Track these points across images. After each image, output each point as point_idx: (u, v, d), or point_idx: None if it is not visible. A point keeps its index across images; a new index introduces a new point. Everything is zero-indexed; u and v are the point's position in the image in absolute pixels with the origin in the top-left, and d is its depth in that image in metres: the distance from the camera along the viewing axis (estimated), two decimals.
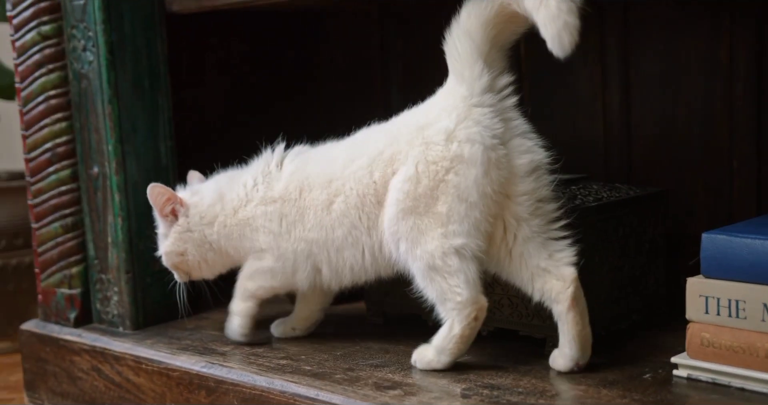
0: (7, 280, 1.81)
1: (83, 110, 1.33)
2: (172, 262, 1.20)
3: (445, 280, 1.02)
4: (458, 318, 1.02)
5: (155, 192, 1.18)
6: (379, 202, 1.06)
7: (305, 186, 1.12)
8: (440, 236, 1.01)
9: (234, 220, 1.16)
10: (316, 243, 1.11)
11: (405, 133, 1.05)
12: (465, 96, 1.02)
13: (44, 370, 1.38)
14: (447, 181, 1.01)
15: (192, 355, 1.18)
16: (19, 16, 1.36)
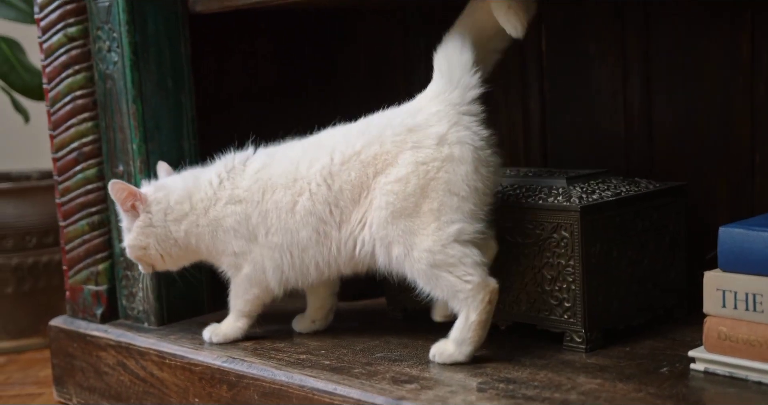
0: (37, 277, 1.84)
1: (108, 110, 1.35)
2: (135, 255, 1.22)
3: (451, 273, 1.03)
4: (473, 305, 1.03)
5: (116, 188, 1.19)
6: (354, 200, 1.08)
7: (268, 187, 1.14)
8: (434, 230, 1.04)
9: (205, 220, 1.18)
10: (279, 247, 1.14)
11: (390, 134, 1.07)
12: (455, 103, 1.07)
13: (72, 365, 1.41)
14: (437, 179, 1.04)
15: (214, 351, 1.19)
16: (46, 18, 1.38)
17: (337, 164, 1.09)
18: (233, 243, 1.17)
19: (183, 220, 1.19)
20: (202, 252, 1.21)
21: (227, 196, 1.17)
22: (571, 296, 1.07)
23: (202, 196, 1.18)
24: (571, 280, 1.07)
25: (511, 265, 1.13)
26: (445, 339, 1.07)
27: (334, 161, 1.10)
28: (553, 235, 1.08)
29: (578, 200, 1.08)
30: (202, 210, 1.18)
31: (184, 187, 1.20)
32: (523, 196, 1.13)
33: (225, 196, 1.17)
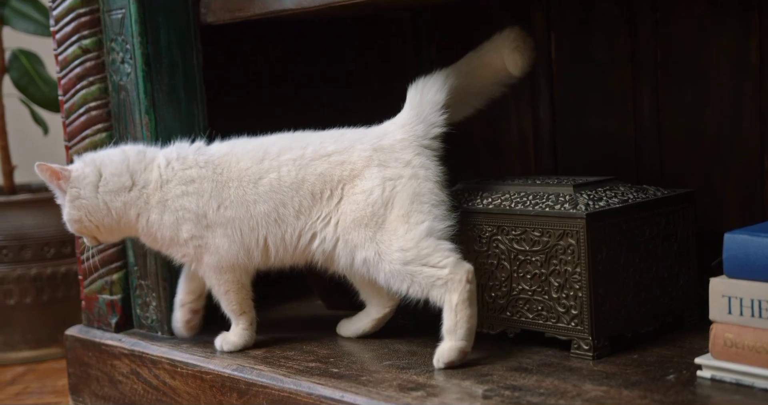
0: (56, 287, 1.86)
1: (122, 121, 1.37)
2: (73, 228, 1.25)
3: (426, 264, 1.09)
4: (452, 287, 1.08)
5: (41, 170, 1.22)
6: (314, 195, 1.16)
7: (232, 160, 1.19)
8: (404, 232, 1.11)
9: (153, 200, 1.21)
10: (231, 222, 1.18)
11: (359, 149, 1.17)
12: (419, 136, 1.18)
13: (87, 374, 1.42)
14: (404, 191, 1.13)
15: (224, 359, 1.20)
16: (61, 31, 1.40)
17: (307, 158, 1.17)
18: (184, 227, 1.20)
19: (121, 192, 1.21)
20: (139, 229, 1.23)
21: (177, 178, 1.21)
22: (578, 303, 1.07)
23: (149, 177, 1.22)
24: (578, 287, 1.07)
25: (518, 272, 1.13)
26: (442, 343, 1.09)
27: (305, 155, 1.18)
28: (560, 243, 1.08)
29: (584, 207, 1.08)
30: (152, 190, 1.21)
31: (122, 160, 1.23)
32: (530, 204, 1.13)
33: (174, 177, 1.21)
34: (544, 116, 1.48)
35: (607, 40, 1.39)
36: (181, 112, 1.36)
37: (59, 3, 1.40)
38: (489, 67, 1.24)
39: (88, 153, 1.27)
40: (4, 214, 1.82)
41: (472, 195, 1.22)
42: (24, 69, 1.95)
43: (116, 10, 1.34)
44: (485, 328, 1.18)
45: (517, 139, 1.52)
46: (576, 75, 1.43)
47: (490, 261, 1.16)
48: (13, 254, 1.82)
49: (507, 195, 1.18)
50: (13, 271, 1.82)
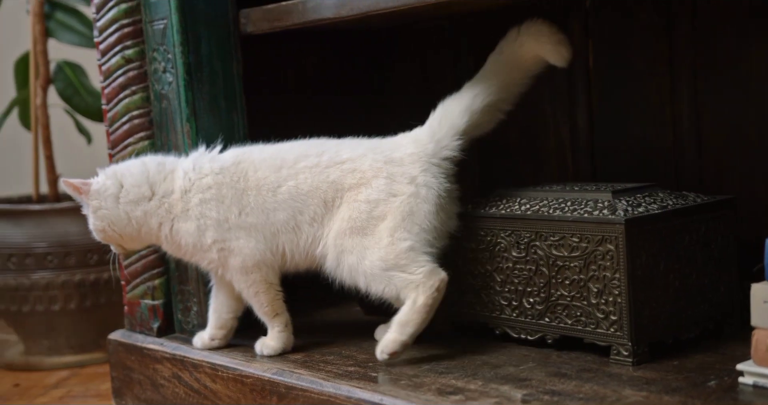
0: (99, 293, 1.89)
1: (164, 129, 1.40)
2: (100, 237, 1.28)
3: (404, 271, 1.15)
4: (422, 289, 1.14)
5: (65, 186, 1.27)
6: (326, 202, 1.20)
7: (249, 169, 1.22)
8: (388, 244, 1.16)
9: (176, 210, 1.23)
10: (254, 228, 1.21)
11: (371, 159, 1.20)
12: (429, 154, 1.21)
13: (130, 377, 1.44)
14: (400, 207, 1.17)
15: (264, 363, 1.22)
16: (104, 41, 1.43)
17: (322, 165, 1.21)
18: (205, 234, 1.22)
19: (141, 202, 1.24)
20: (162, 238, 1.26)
21: (195, 187, 1.23)
22: (618, 309, 1.07)
23: (169, 187, 1.24)
24: (617, 293, 1.07)
25: (557, 278, 1.13)
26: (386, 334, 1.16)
27: (320, 163, 1.21)
28: (599, 248, 1.08)
29: (623, 213, 1.08)
30: (173, 200, 1.24)
31: (142, 171, 1.26)
32: (568, 210, 1.13)
33: (193, 186, 1.23)
34: (582, 124, 1.48)
35: (645, 47, 1.38)
36: (222, 120, 1.39)
37: (103, 14, 1.43)
38: (519, 68, 1.25)
39: (111, 165, 1.30)
40: (49, 222, 1.86)
41: (510, 201, 1.22)
42: (68, 80, 1.98)
43: (158, 20, 1.36)
44: (523, 334, 1.18)
45: (554, 146, 1.52)
46: (614, 82, 1.43)
47: (529, 267, 1.16)
48: (57, 261, 1.86)
49: (545, 201, 1.18)
50: (58, 277, 1.85)
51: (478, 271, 1.23)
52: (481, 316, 1.24)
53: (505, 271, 1.19)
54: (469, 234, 1.23)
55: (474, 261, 1.23)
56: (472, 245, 1.23)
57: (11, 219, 1.87)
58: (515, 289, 1.19)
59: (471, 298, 1.24)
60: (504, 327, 1.21)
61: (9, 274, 1.86)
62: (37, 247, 1.86)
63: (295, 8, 1.31)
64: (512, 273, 1.19)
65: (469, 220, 1.23)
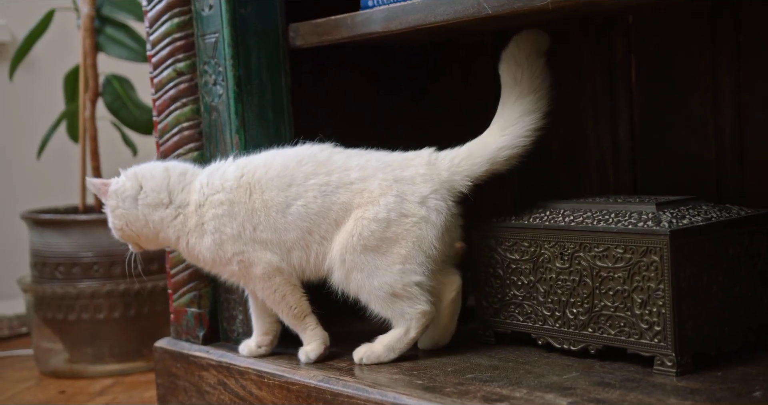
0: (142, 302, 1.92)
1: (213, 140, 1.43)
2: (118, 235, 1.32)
3: (405, 303, 1.21)
4: (415, 325, 1.22)
5: (90, 183, 1.32)
6: (337, 222, 1.22)
7: (255, 188, 1.24)
8: (399, 272, 1.21)
9: (191, 224, 1.26)
10: (269, 243, 1.24)
11: (380, 178, 1.23)
12: (442, 180, 1.24)
13: (175, 384, 1.47)
14: (412, 231, 1.21)
15: (310, 370, 1.24)
16: (157, 55, 1.47)
17: (332, 185, 1.23)
18: (222, 248, 1.25)
19: (159, 207, 1.28)
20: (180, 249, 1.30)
21: (209, 202, 1.26)
22: (662, 320, 1.08)
23: (186, 198, 1.28)
24: (661, 303, 1.08)
25: (600, 289, 1.14)
26: (369, 343, 1.24)
27: (330, 182, 1.23)
28: (643, 259, 1.09)
29: (668, 225, 1.09)
30: (189, 212, 1.27)
31: (163, 177, 1.29)
32: (612, 221, 1.15)
33: (206, 201, 1.26)
34: (623, 137, 1.49)
35: (687, 60, 1.40)
36: (270, 132, 1.41)
37: (156, 28, 1.46)
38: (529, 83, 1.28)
39: (133, 166, 1.34)
40: (95, 232, 1.90)
41: (554, 213, 1.24)
42: (116, 93, 2.03)
43: (210, 34, 1.40)
44: (566, 344, 1.19)
45: (595, 159, 1.53)
46: (656, 96, 1.44)
47: (572, 278, 1.18)
48: (103, 270, 1.90)
49: (589, 213, 1.20)
50: (103, 286, 1.89)
51: (522, 282, 1.24)
52: (523, 326, 1.25)
53: (549, 281, 1.21)
54: (513, 245, 1.25)
55: (517, 272, 1.25)
56: (515, 256, 1.25)
57: (59, 229, 1.91)
58: (558, 300, 1.20)
59: (513, 308, 1.26)
60: (547, 337, 1.22)
61: (56, 282, 1.90)
62: (84, 256, 1.90)
63: (344, 22, 1.34)
64: (555, 283, 1.20)
65: (512, 231, 1.25)
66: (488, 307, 1.29)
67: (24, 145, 2.41)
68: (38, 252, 1.94)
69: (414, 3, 1.25)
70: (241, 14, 1.38)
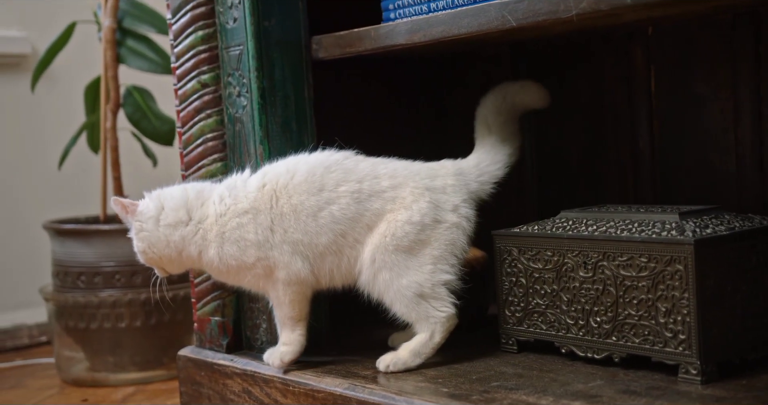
0: (163, 311, 1.94)
1: (237, 151, 1.45)
2: (142, 259, 1.32)
3: (430, 304, 1.24)
4: (440, 329, 1.24)
5: (113, 204, 1.32)
6: (369, 227, 1.25)
7: (282, 194, 1.26)
8: (430, 271, 1.24)
9: (211, 235, 1.27)
10: (301, 243, 1.25)
11: (411, 186, 1.27)
12: (471, 190, 1.30)
13: (199, 392, 1.48)
14: (445, 236, 1.25)
15: (336, 378, 1.25)
16: (181, 67, 1.49)
17: (365, 193, 1.26)
18: (246, 253, 1.26)
19: (179, 226, 1.28)
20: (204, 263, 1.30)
21: (231, 211, 1.27)
22: (686, 328, 1.09)
23: (206, 212, 1.29)
24: (685, 312, 1.09)
25: (624, 298, 1.15)
26: (394, 351, 1.26)
27: (362, 189, 1.26)
28: (667, 269, 1.11)
29: (692, 234, 1.10)
30: (208, 225, 1.28)
31: (182, 196, 1.31)
32: (636, 231, 1.16)
33: (228, 211, 1.27)
34: (643, 148, 1.50)
35: (708, 72, 1.41)
36: (293, 142, 1.43)
37: (180, 41, 1.48)
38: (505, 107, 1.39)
39: (157, 189, 1.35)
40: (117, 242, 1.92)
41: (576, 222, 1.25)
42: (137, 104, 2.05)
43: (234, 46, 1.42)
44: (590, 353, 1.20)
45: (615, 170, 1.55)
46: (676, 108, 1.46)
47: (596, 286, 1.19)
48: (125, 279, 1.91)
49: (612, 222, 1.21)
50: (125, 295, 1.90)
51: (545, 291, 1.26)
52: (546, 334, 1.26)
53: (572, 290, 1.22)
54: (536, 254, 1.26)
55: (540, 280, 1.26)
56: (538, 265, 1.26)
57: (81, 238, 1.93)
58: (582, 309, 1.21)
59: (537, 317, 1.27)
60: (570, 345, 1.23)
61: (78, 292, 1.92)
62: (106, 266, 1.92)
63: (367, 35, 1.36)
64: (579, 292, 1.21)
65: (535, 240, 1.26)
66: (511, 315, 1.31)
67: (45, 155, 2.44)
68: (60, 261, 1.96)
69: (438, 16, 1.27)
70: (266, 27, 1.40)
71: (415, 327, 1.26)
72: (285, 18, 1.42)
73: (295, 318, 1.30)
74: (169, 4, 1.50)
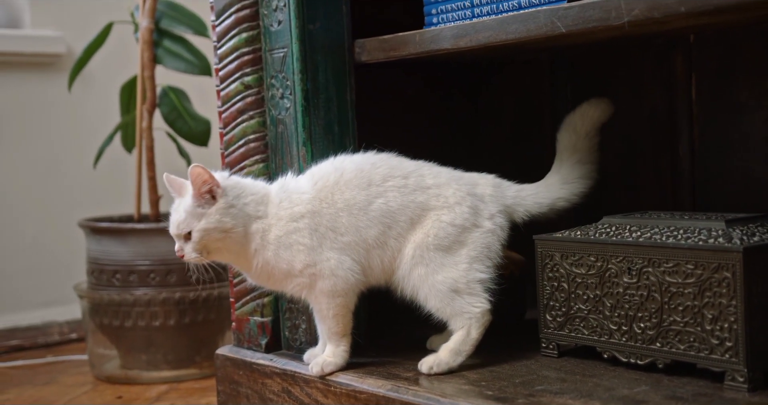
0: (197, 311, 1.96)
1: (278, 153, 1.46)
2: (208, 238, 1.24)
3: (465, 299, 1.27)
4: (476, 325, 1.27)
5: (196, 172, 1.24)
6: (412, 220, 1.28)
7: (336, 190, 1.28)
8: (465, 269, 1.28)
9: (270, 238, 1.27)
10: (349, 246, 1.27)
11: (455, 188, 1.31)
12: (506, 204, 1.35)
13: (237, 391, 1.49)
14: (482, 239, 1.30)
15: (378, 379, 1.26)
16: (224, 68, 1.50)
17: (410, 187, 1.29)
18: (297, 259, 1.26)
19: (259, 218, 1.27)
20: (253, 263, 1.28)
21: (287, 216, 1.27)
22: (733, 336, 1.09)
23: (268, 211, 1.28)
24: (733, 319, 1.09)
25: (669, 304, 1.16)
26: (435, 353, 1.28)
27: (408, 184, 1.30)
28: (714, 276, 1.11)
29: (740, 242, 1.10)
30: (267, 226, 1.27)
31: (263, 191, 1.30)
32: (681, 238, 1.16)
33: (285, 215, 1.28)
34: (683, 155, 1.51)
35: (750, 80, 1.41)
36: (335, 145, 1.44)
37: (224, 43, 1.50)
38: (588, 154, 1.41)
39: (223, 171, 1.34)
40: (152, 241, 1.94)
41: (620, 228, 1.25)
42: (173, 105, 2.07)
43: (278, 49, 1.43)
44: (633, 358, 1.21)
45: (653, 177, 1.55)
46: (717, 116, 1.46)
47: (640, 292, 1.19)
48: (159, 278, 1.93)
49: (656, 229, 1.21)
50: (159, 294, 1.92)
51: (587, 296, 1.26)
52: (588, 339, 1.27)
53: (616, 296, 1.22)
54: (579, 259, 1.27)
55: (583, 286, 1.26)
56: (581, 270, 1.26)
57: (117, 237, 1.94)
58: (625, 314, 1.21)
59: (579, 322, 1.28)
60: (613, 351, 1.23)
61: (113, 289, 1.94)
62: (141, 264, 1.93)
63: (412, 39, 1.37)
64: (623, 298, 1.22)
65: (578, 245, 1.26)
66: (552, 320, 1.31)
67: (80, 154, 2.46)
68: (95, 259, 1.97)
69: (484, 21, 1.28)
70: (310, 30, 1.41)
71: (451, 324, 1.28)
72: (329, 21, 1.43)
73: (339, 333, 1.31)
74: (213, 5, 1.51)
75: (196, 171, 1.24)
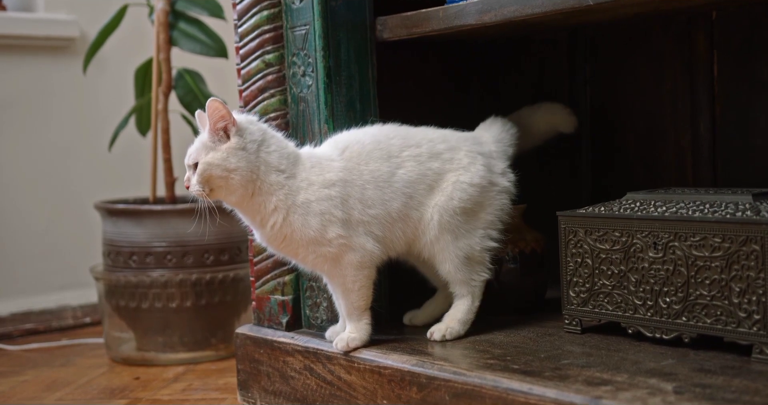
0: (213, 292, 1.95)
1: (300, 130, 1.46)
2: (210, 173, 1.21)
3: (473, 267, 1.33)
4: (478, 293, 1.34)
5: (214, 106, 1.21)
6: (430, 187, 1.31)
7: (362, 160, 1.29)
8: (481, 236, 1.33)
9: (298, 200, 1.24)
10: (376, 219, 1.28)
11: (465, 149, 1.34)
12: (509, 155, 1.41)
13: (258, 370, 1.50)
14: (498, 199, 1.35)
15: (402, 354, 1.26)
16: (245, 46, 1.50)
17: (425, 155, 1.32)
18: (328, 229, 1.25)
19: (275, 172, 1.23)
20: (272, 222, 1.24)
21: (320, 181, 1.26)
22: (761, 309, 1.09)
23: (294, 172, 1.25)
24: (761, 292, 1.09)
25: (696, 278, 1.15)
26: (442, 322, 1.34)
27: (422, 153, 1.32)
28: (742, 249, 1.11)
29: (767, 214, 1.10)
30: (295, 188, 1.24)
31: (290, 146, 1.29)
32: (708, 212, 1.16)
33: (317, 180, 1.26)
34: (704, 133, 1.50)
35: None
36: (357, 122, 1.44)
37: (245, 21, 1.49)
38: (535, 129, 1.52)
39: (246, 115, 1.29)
40: (168, 222, 1.93)
41: (645, 204, 1.25)
42: (188, 87, 2.06)
43: (300, 26, 1.43)
44: (658, 333, 1.21)
45: (674, 155, 1.55)
46: (739, 93, 1.46)
47: (666, 267, 1.19)
48: (176, 260, 1.93)
49: (682, 203, 1.21)
50: (176, 275, 1.92)
51: (612, 272, 1.26)
52: (613, 315, 1.27)
53: (641, 271, 1.22)
54: (603, 235, 1.26)
55: (607, 261, 1.26)
56: (605, 246, 1.26)
57: (134, 218, 1.94)
58: (651, 289, 1.21)
59: (603, 297, 1.27)
60: (638, 326, 1.23)
61: (130, 271, 1.94)
62: (158, 246, 1.93)
63: (435, 15, 1.36)
64: (648, 273, 1.21)
65: (603, 221, 1.26)
66: (575, 296, 1.31)
67: (95, 137, 2.46)
68: (112, 241, 1.97)
69: None
70: (332, 6, 1.41)
71: (456, 289, 1.34)
72: None
73: (362, 307, 1.31)
74: None
75: (214, 105, 1.22)
